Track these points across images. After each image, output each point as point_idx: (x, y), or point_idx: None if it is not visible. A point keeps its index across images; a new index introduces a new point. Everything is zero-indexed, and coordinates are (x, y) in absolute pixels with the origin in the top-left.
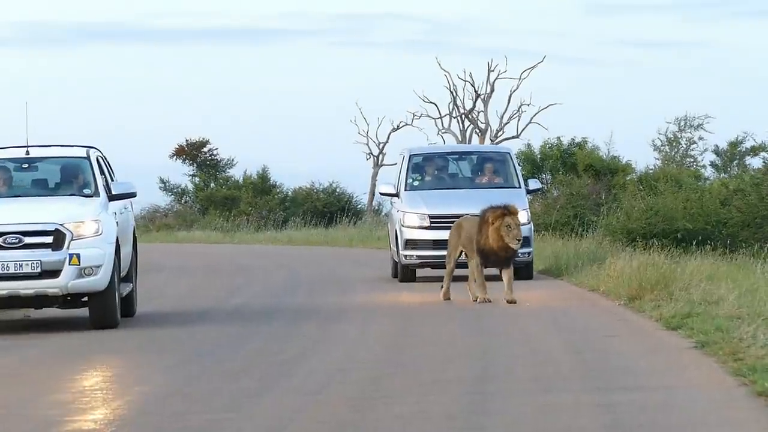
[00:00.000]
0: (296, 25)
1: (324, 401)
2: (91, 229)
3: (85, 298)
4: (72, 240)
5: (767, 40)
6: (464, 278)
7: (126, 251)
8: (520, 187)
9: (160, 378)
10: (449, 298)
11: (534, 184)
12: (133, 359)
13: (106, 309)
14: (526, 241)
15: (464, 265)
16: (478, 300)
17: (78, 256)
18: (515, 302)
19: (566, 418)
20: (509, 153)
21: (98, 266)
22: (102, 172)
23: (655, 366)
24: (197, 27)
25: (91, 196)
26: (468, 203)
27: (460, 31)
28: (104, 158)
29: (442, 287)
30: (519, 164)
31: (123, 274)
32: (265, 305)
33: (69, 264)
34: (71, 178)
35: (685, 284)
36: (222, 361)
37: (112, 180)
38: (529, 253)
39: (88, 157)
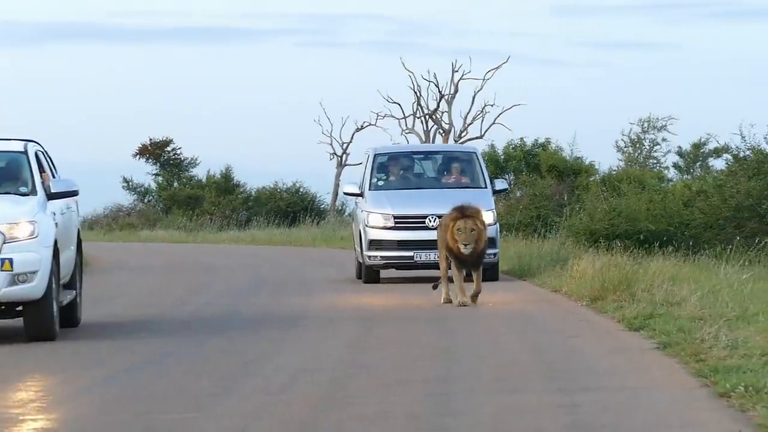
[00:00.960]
0: (262, 25)
1: (287, 401)
2: (27, 231)
3: (20, 308)
4: (4, 243)
5: (731, 42)
6: (427, 279)
7: (68, 256)
8: (486, 188)
9: (120, 378)
10: (450, 301)
11: (500, 184)
12: (71, 371)
13: (43, 319)
14: (491, 242)
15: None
16: (455, 303)
17: (11, 261)
18: (472, 305)
19: (529, 419)
20: (476, 153)
21: (33, 272)
22: (42, 169)
23: (618, 366)
24: (163, 26)
25: (28, 195)
26: (433, 203)
27: (427, 31)
28: (45, 153)
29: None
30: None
31: (65, 280)
32: (227, 305)
33: (1, 270)
34: (6, 174)
35: (647, 285)
36: (184, 361)
37: (54, 177)
38: (494, 254)
39: (25, 152)
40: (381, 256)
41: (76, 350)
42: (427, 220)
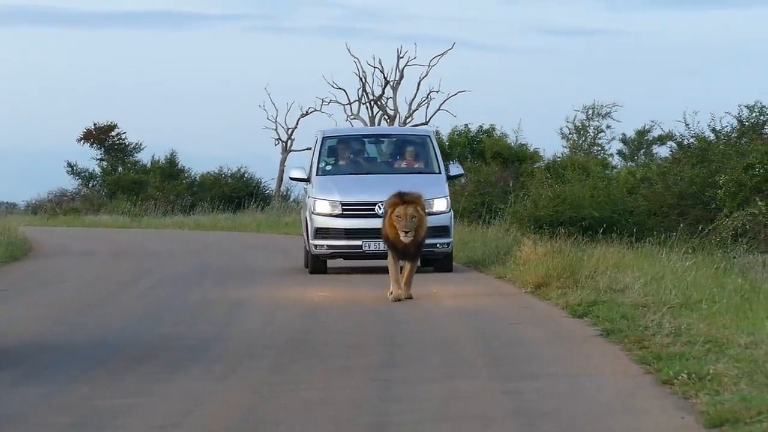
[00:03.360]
0: (212, 10)
1: (230, 387)
2: None
3: None
4: None
5: (677, 30)
6: (377, 270)
7: None
8: (440, 173)
9: (63, 363)
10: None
11: (455, 169)
12: (12, 356)
13: None
14: (444, 231)
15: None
16: (389, 296)
17: None
18: (411, 298)
19: (472, 405)
20: (429, 136)
21: None
22: None
23: (561, 353)
24: (109, 11)
25: None
26: (383, 190)
27: (377, 17)
28: None
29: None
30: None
31: None
32: (171, 291)
33: None
34: None
35: (591, 272)
36: (128, 345)
37: None
38: (448, 244)
39: None
40: (327, 245)
41: (17, 334)
42: (376, 208)
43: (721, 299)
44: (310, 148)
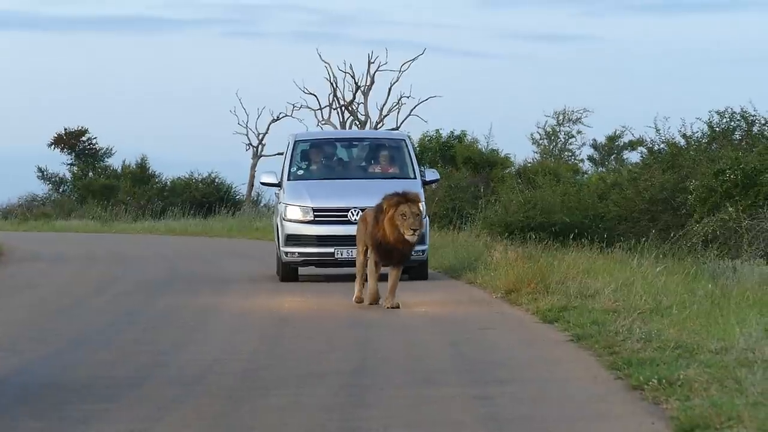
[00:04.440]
0: (186, 15)
1: (201, 392)
2: None
3: None
4: None
5: (649, 36)
6: (350, 278)
7: None
8: (415, 178)
9: (36, 368)
10: (362, 300)
11: (431, 174)
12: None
13: None
14: (420, 238)
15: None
16: (366, 302)
17: None
18: (398, 307)
19: (443, 411)
20: (405, 140)
21: None
22: None
23: (531, 359)
24: (82, 15)
25: None
26: (357, 195)
27: (352, 22)
28: None
29: (354, 288)
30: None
31: None
32: (142, 296)
33: None
34: None
35: (562, 277)
36: (98, 351)
37: None
38: (423, 251)
39: None
40: (299, 253)
41: None
42: (349, 214)
43: (692, 305)
44: (281, 153)
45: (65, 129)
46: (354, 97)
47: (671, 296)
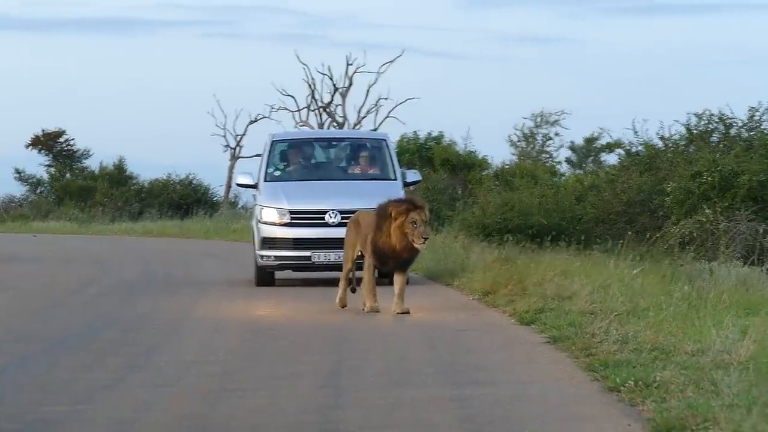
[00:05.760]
0: (165, 17)
1: (177, 394)
2: None
3: None
4: None
5: (628, 38)
6: (328, 282)
7: None
8: (396, 179)
9: (12, 370)
10: (346, 305)
11: (412, 176)
12: None
13: None
14: None
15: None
16: (365, 308)
17: None
18: (408, 312)
19: (420, 412)
20: (385, 140)
21: None
22: None
23: (508, 361)
24: (61, 16)
25: None
26: (335, 197)
27: (332, 24)
28: None
29: (338, 293)
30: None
31: None
32: (119, 297)
33: None
34: None
35: (539, 279)
36: (75, 352)
37: None
38: None
39: None
40: (275, 256)
41: None
42: (327, 216)
43: (668, 307)
44: (259, 155)
45: (43, 130)
46: (332, 99)
47: (648, 298)
